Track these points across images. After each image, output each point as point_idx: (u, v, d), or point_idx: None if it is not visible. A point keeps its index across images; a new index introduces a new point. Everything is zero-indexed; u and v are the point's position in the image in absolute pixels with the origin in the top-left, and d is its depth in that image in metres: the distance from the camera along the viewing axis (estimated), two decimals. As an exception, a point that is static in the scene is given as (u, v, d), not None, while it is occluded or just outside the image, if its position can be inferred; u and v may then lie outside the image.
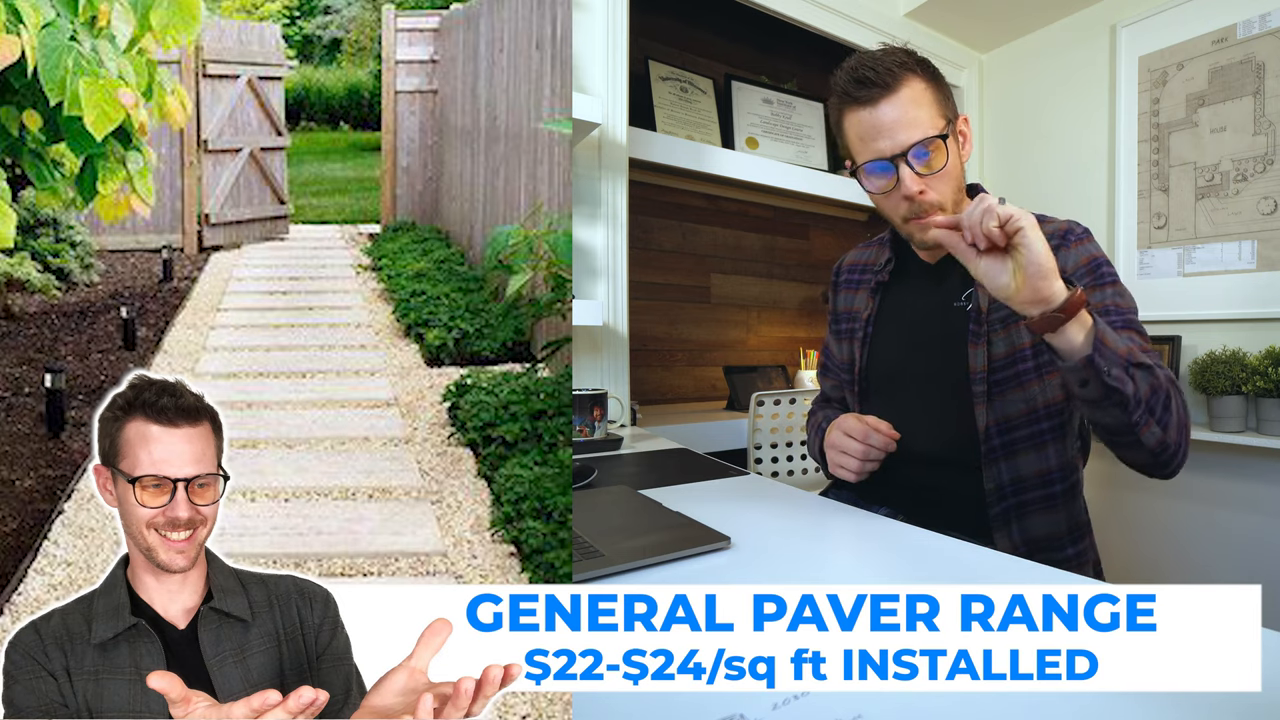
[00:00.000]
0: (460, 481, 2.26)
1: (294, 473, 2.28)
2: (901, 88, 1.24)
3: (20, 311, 3.77)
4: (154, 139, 4.76)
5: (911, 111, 1.24)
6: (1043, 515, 1.32)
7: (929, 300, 1.44)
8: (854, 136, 1.29)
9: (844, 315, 1.61)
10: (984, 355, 1.33)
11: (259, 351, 3.38)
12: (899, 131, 1.24)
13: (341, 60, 11.40)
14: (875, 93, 1.24)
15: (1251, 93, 2.66)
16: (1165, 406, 1.11)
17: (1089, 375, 1.05)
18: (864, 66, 1.25)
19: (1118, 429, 1.12)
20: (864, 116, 1.26)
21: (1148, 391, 1.09)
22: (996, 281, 1.05)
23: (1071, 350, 1.05)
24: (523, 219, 3.28)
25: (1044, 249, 1.02)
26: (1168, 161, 2.91)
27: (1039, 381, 1.30)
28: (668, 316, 3.45)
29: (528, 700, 1.43)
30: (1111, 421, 1.11)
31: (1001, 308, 1.33)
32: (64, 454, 2.37)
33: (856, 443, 1.36)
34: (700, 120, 3.20)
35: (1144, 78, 2.98)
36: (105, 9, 1.71)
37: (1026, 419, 1.32)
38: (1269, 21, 2.62)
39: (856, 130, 1.28)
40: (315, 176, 8.29)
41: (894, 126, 1.24)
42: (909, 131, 1.24)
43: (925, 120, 1.25)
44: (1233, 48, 2.71)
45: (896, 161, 1.25)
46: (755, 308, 3.77)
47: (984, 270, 1.06)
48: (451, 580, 1.78)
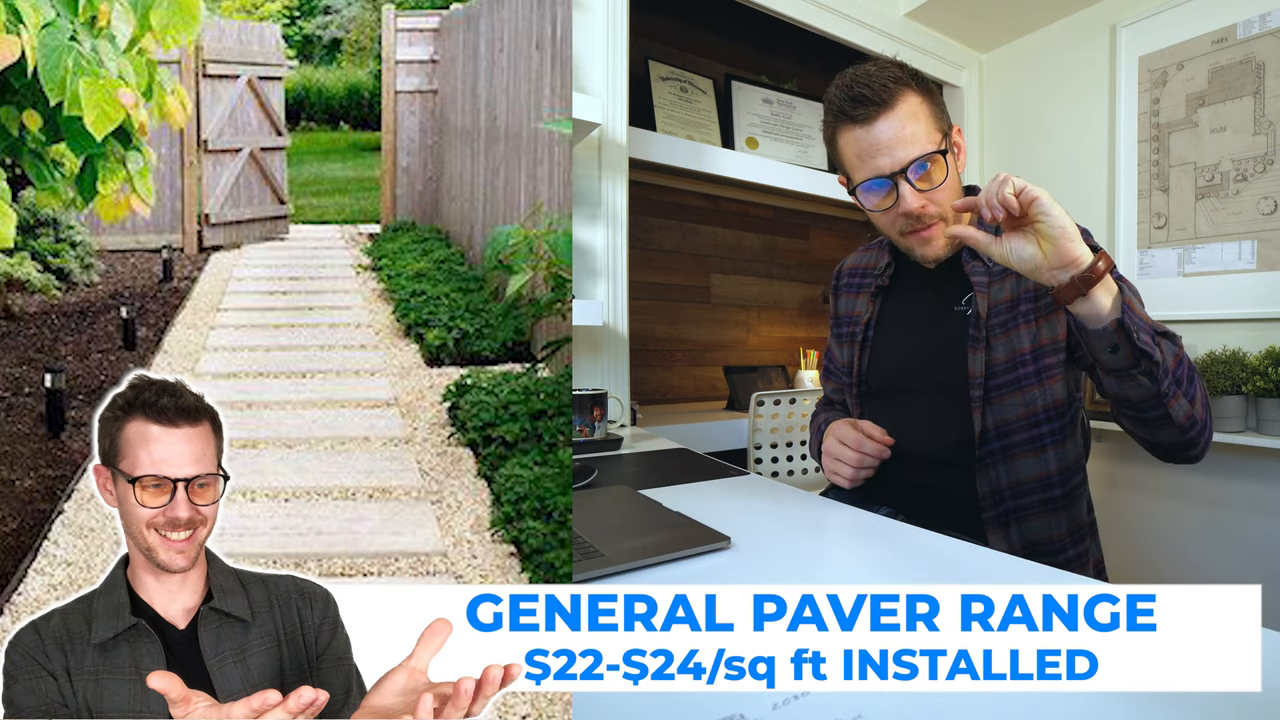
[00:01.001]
0: (460, 481, 2.26)
1: (294, 473, 2.28)
2: (898, 104, 1.24)
3: (20, 311, 3.77)
4: (154, 139, 4.76)
5: (909, 128, 1.24)
6: (1041, 519, 1.31)
7: (929, 304, 1.44)
8: (851, 155, 1.29)
9: (845, 319, 1.61)
10: (982, 361, 1.33)
11: (259, 351, 3.38)
12: (897, 149, 1.24)
13: (341, 60, 11.40)
14: (872, 111, 1.24)
15: (1251, 93, 2.66)
16: (1190, 379, 1.10)
17: (1119, 339, 1.03)
18: (859, 84, 1.25)
19: (1145, 402, 1.09)
20: (861, 135, 1.26)
21: (1174, 361, 1.07)
22: (1023, 254, 1.04)
23: (1099, 315, 1.03)
24: (523, 219, 3.28)
25: (1062, 213, 1.02)
26: (1168, 161, 2.91)
27: (1039, 385, 1.30)
28: (668, 316, 3.45)
29: (528, 700, 1.43)
30: (1139, 395, 1.08)
31: (1001, 312, 1.33)
32: (64, 454, 2.37)
33: (850, 450, 1.36)
34: (700, 120, 3.20)
35: (1144, 78, 2.98)
36: (105, 9, 1.71)
37: (1025, 423, 1.32)
38: (1269, 21, 2.62)
39: (853, 149, 1.28)
40: (315, 176, 8.29)
41: (892, 144, 1.24)
42: (907, 149, 1.23)
43: (923, 135, 1.25)
44: (1233, 48, 2.71)
45: (895, 178, 1.25)
46: (755, 308, 3.77)
47: (1008, 249, 1.05)
48: (451, 580, 1.78)
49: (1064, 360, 1.30)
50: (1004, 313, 1.33)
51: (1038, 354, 1.30)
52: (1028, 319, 1.31)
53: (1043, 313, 1.30)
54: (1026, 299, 1.32)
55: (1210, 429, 1.16)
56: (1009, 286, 1.34)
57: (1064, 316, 1.28)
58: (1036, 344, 1.30)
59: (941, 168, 1.26)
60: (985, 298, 1.34)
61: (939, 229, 1.30)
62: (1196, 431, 1.13)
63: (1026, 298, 1.32)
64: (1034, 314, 1.31)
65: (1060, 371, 1.30)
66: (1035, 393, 1.30)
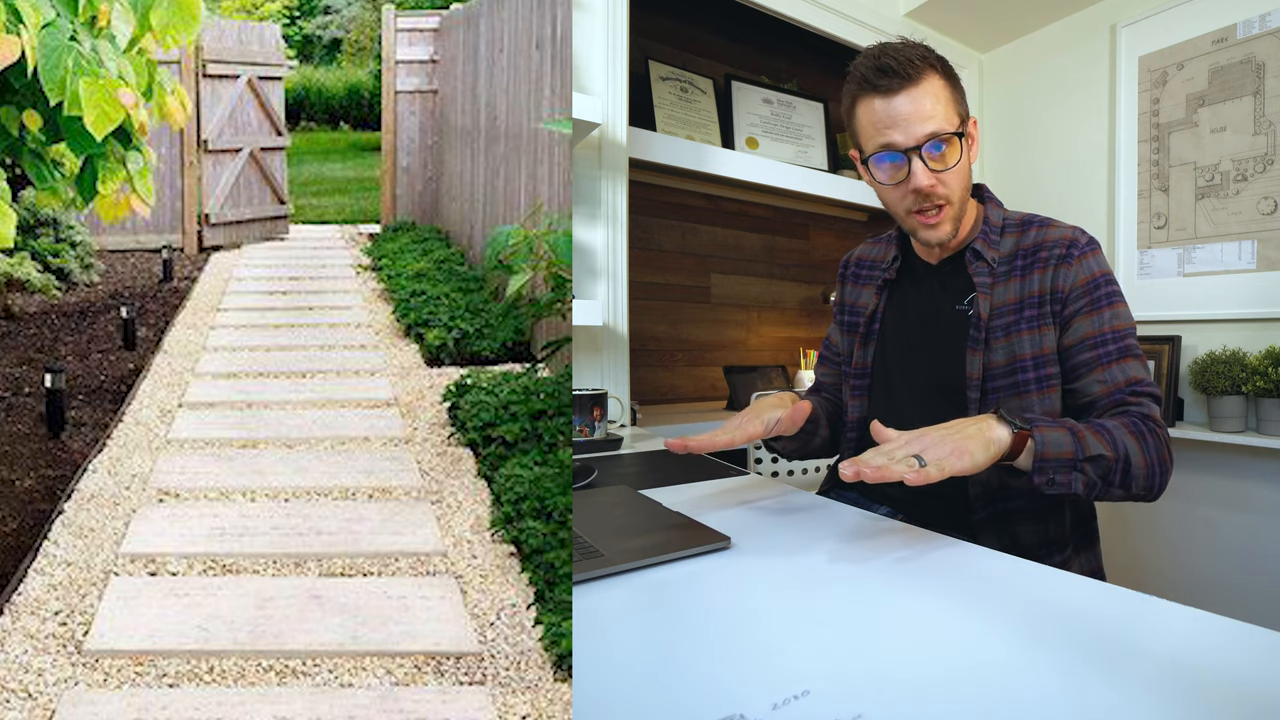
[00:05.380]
0: (460, 481, 2.26)
1: (294, 473, 2.28)
2: (922, 81, 1.24)
3: (20, 311, 3.77)
4: (154, 139, 4.77)
5: (929, 105, 1.24)
6: (1033, 524, 1.31)
7: (932, 301, 1.44)
8: (867, 123, 1.29)
9: (849, 308, 1.60)
10: (980, 363, 1.32)
11: (259, 351, 3.38)
12: (915, 124, 1.24)
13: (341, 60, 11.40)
14: (896, 83, 1.24)
15: (1251, 93, 2.67)
16: (1125, 471, 1.15)
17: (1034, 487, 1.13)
18: (887, 55, 1.25)
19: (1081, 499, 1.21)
20: (880, 105, 1.25)
21: (1102, 473, 1.14)
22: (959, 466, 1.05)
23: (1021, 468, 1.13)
24: (523, 219, 3.28)
25: (949, 450, 1.02)
26: (1168, 161, 2.91)
27: (1039, 393, 1.29)
28: (668, 316, 3.45)
29: (528, 700, 1.43)
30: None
31: (1004, 315, 1.33)
32: (64, 454, 2.37)
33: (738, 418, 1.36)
34: (700, 120, 3.20)
35: (1144, 78, 2.98)
36: (105, 9, 1.71)
37: None
38: (1269, 21, 2.62)
39: (870, 118, 1.28)
40: (315, 176, 8.30)
41: (910, 118, 1.24)
42: (924, 124, 1.24)
43: (941, 115, 1.25)
44: (1233, 48, 2.71)
45: (909, 154, 1.25)
46: (755, 308, 3.77)
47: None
48: (452, 580, 1.78)
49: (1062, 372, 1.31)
50: (1006, 315, 1.33)
51: (1039, 362, 1.29)
52: (1031, 324, 1.30)
53: (1048, 320, 1.30)
54: (1031, 304, 1.31)
55: (1161, 485, 1.19)
56: (1013, 289, 1.33)
57: (1071, 326, 1.29)
58: (1038, 351, 1.29)
59: (956, 150, 1.27)
60: (987, 299, 1.34)
61: (946, 213, 1.30)
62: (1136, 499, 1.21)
63: (1031, 302, 1.31)
64: (1038, 320, 1.30)
65: (1058, 383, 1.30)
66: (1034, 399, 1.29)
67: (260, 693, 1.43)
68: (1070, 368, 1.29)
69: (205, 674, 1.47)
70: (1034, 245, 1.34)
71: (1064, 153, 3.30)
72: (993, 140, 3.62)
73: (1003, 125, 3.59)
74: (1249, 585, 2.59)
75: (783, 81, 3.56)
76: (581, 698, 0.62)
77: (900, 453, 1.02)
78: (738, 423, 1.33)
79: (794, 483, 2.49)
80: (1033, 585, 0.89)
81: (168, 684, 1.44)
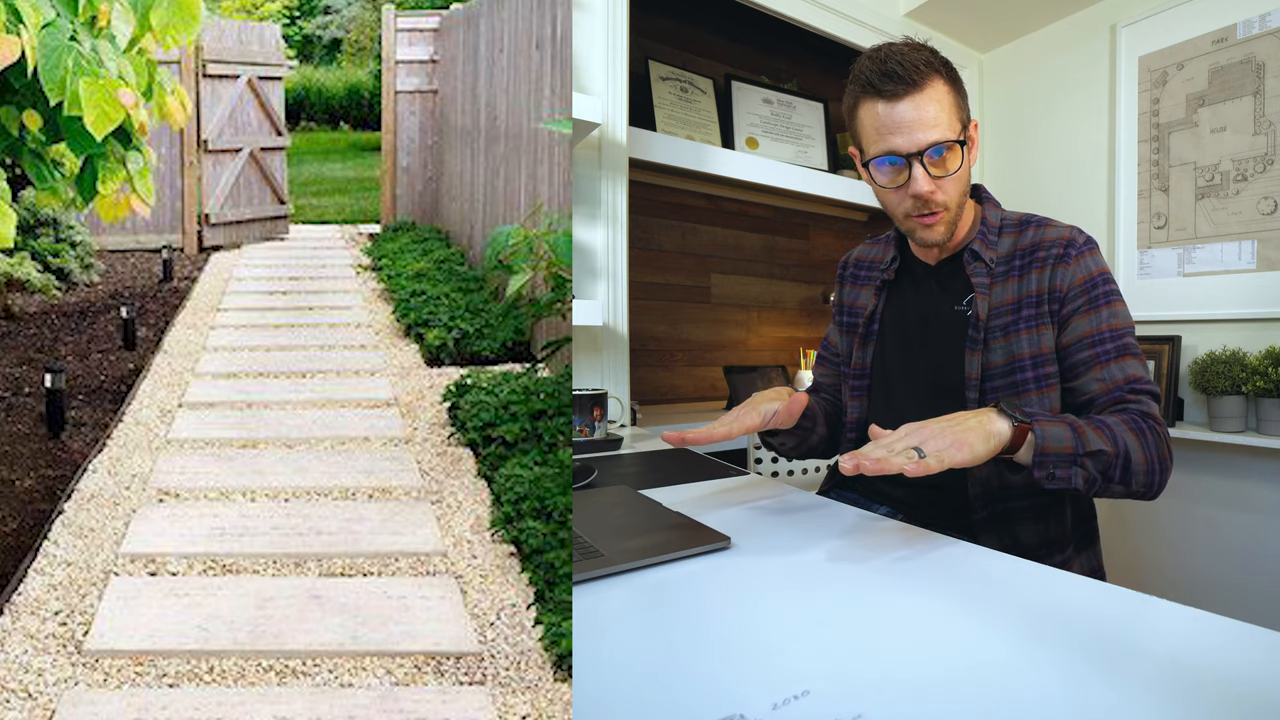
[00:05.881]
0: (460, 481, 2.26)
1: (294, 473, 2.28)
2: (927, 87, 1.24)
3: (20, 311, 3.77)
4: (154, 139, 4.77)
5: (932, 112, 1.24)
6: (1033, 524, 1.31)
7: (930, 302, 1.44)
8: (869, 127, 1.29)
9: (848, 309, 1.61)
10: (979, 363, 1.33)
11: (259, 351, 3.38)
12: (918, 130, 1.24)
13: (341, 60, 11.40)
14: (900, 89, 1.24)
15: (1251, 93, 2.66)
16: (1125, 467, 1.15)
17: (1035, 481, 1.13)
18: (892, 60, 1.25)
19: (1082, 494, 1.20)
20: (884, 110, 1.26)
21: (1102, 468, 1.14)
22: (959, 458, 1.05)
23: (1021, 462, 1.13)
24: (523, 219, 3.28)
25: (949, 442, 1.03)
26: (1168, 161, 2.91)
27: (1038, 393, 1.29)
28: (668, 316, 3.45)
29: (528, 700, 1.43)
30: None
31: (1002, 315, 1.33)
32: (64, 454, 2.37)
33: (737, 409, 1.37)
34: (700, 120, 3.20)
35: (1144, 78, 2.98)
36: (105, 9, 1.71)
37: None
38: (1269, 21, 2.62)
39: (873, 122, 1.28)
40: (315, 176, 8.30)
41: (913, 124, 1.24)
42: (927, 131, 1.24)
43: (944, 122, 1.25)
44: (1233, 48, 2.71)
45: (910, 159, 1.25)
46: (755, 308, 3.77)
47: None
48: (451, 580, 1.78)
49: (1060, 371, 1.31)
50: (1005, 315, 1.33)
51: (1037, 361, 1.30)
52: (1030, 324, 1.31)
53: (1047, 320, 1.30)
54: (1029, 303, 1.31)
55: (1160, 483, 1.20)
56: (1011, 289, 1.33)
57: (1069, 325, 1.29)
58: (1037, 351, 1.30)
59: (957, 157, 1.27)
60: (986, 299, 1.34)
61: (943, 216, 1.31)
62: (1137, 496, 1.20)
63: (1029, 302, 1.31)
64: (1037, 320, 1.30)
65: (1057, 382, 1.30)
66: (1034, 399, 1.29)
67: (260, 693, 1.43)
68: (1069, 366, 1.29)
69: (205, 674, 1.47)
70: (1032, 245, 1.35)
71: (1064, 153, 3.30)
72: (993, 140, 3.62)
73: (1003, 125, 3.59)
74: (1249, 585, 2.59)
75: (783, 81, 3.56)
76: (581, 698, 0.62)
77: (900, 445, 1.02)
78: (734, 415, 1.34)
79: (794, 483, 2.49)
80: (1033, 585, 0.89)
81: (168, 684, 1.44)
